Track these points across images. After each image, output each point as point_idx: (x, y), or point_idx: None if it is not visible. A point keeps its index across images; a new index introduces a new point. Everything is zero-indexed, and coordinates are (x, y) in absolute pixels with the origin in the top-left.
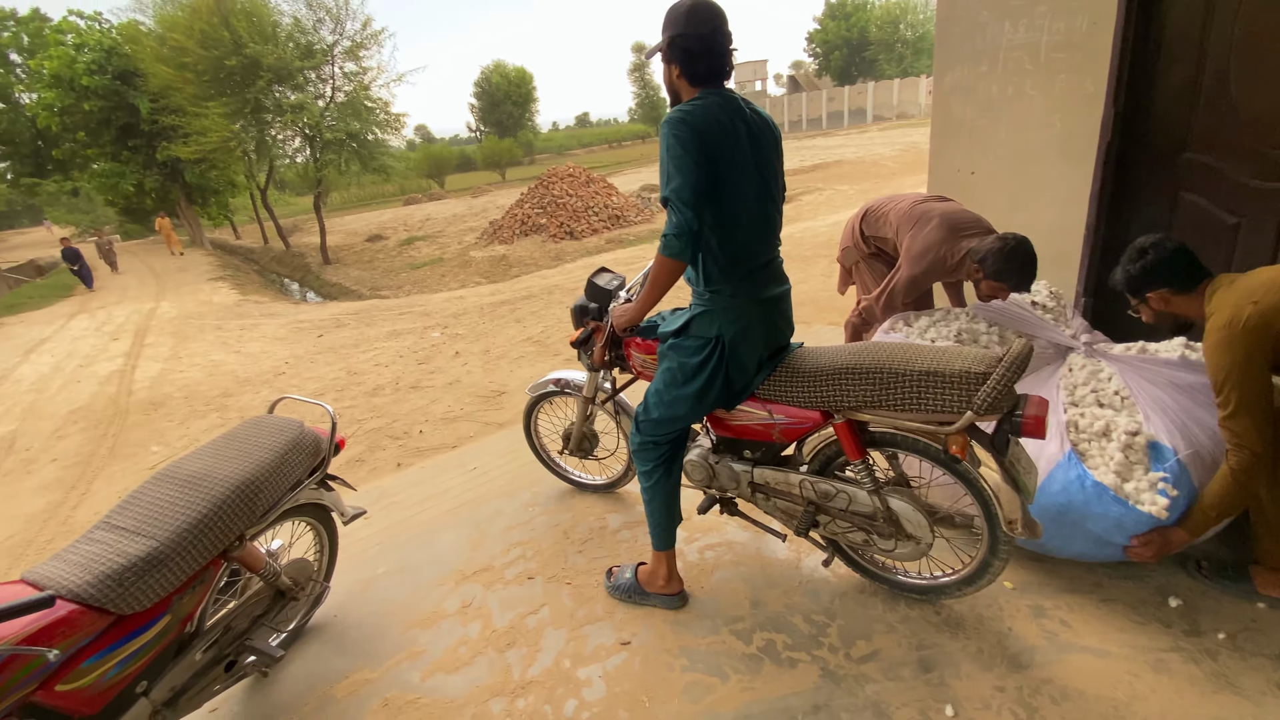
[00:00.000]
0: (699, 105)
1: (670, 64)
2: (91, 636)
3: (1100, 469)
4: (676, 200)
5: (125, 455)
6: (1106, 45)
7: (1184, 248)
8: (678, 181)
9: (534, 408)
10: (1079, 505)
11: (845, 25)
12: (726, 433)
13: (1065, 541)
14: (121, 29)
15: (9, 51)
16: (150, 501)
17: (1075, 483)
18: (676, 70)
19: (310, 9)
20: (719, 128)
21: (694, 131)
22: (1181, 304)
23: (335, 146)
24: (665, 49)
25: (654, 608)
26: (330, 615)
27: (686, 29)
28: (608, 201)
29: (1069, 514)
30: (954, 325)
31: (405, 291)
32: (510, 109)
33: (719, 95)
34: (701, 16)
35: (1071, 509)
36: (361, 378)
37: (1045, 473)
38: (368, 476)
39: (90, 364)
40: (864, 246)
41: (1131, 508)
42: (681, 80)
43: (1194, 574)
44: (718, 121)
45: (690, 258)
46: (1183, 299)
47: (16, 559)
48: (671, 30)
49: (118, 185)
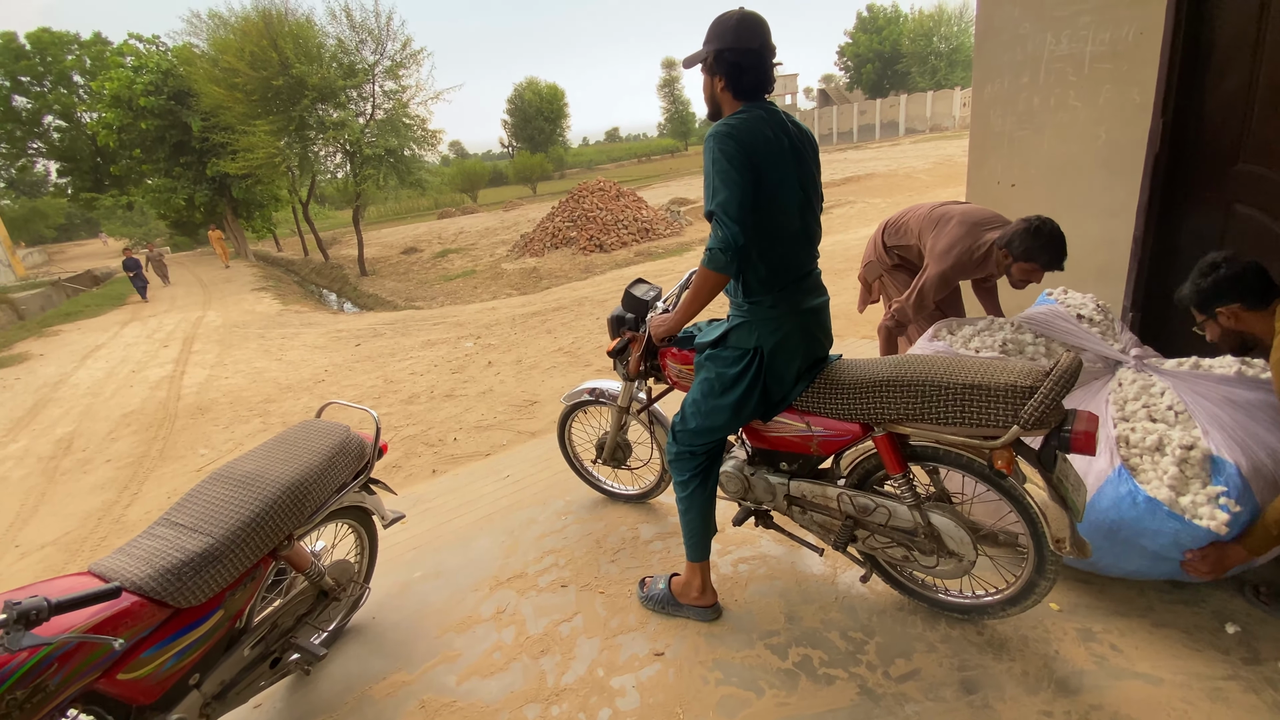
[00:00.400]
0: (744, 119)
1: (715, 76)
2: (152, 628)
3: (1153, 484)
4: (723, 214)
5: (174, 457)
6: (1154, 54)
7: (1259, 264)
8: (724, 195)
9: (568, 417)
10: (1131, 522)
11: (877, 38)
12: (762, 444)
13: (1118, 559)
14: (177, 52)
15: (72, 73)
16: (207, 500)
17: (1127, 499)
18: (721, 83)
19: (353, 31)
20: (764, 141)
21: (740, 146)
22: (1252, 321)
23: (374, 162)
24: (710, 61)
25: (687, 619)
26: (369, 617)
27: (735, 43)
28: (637, 215)
29: (1121, 531)
30: (999, 335)
31: (439, 303)
32: (542, 124)
33: (763, 109)
34: (751, 30)
35: (1124, 526)
36: (398, 386)
37: (1094, 489)
38: (404, 482)
39: (142, 370)
40: (887, 259)
41: (1188, 523)
42: (725, 94)
43: (1252, 600)
44: (763, 136)
45: (735, 272)
46: (1254, 316)
47: (73, 554)
48: (719, 43)
49: (170, 200)
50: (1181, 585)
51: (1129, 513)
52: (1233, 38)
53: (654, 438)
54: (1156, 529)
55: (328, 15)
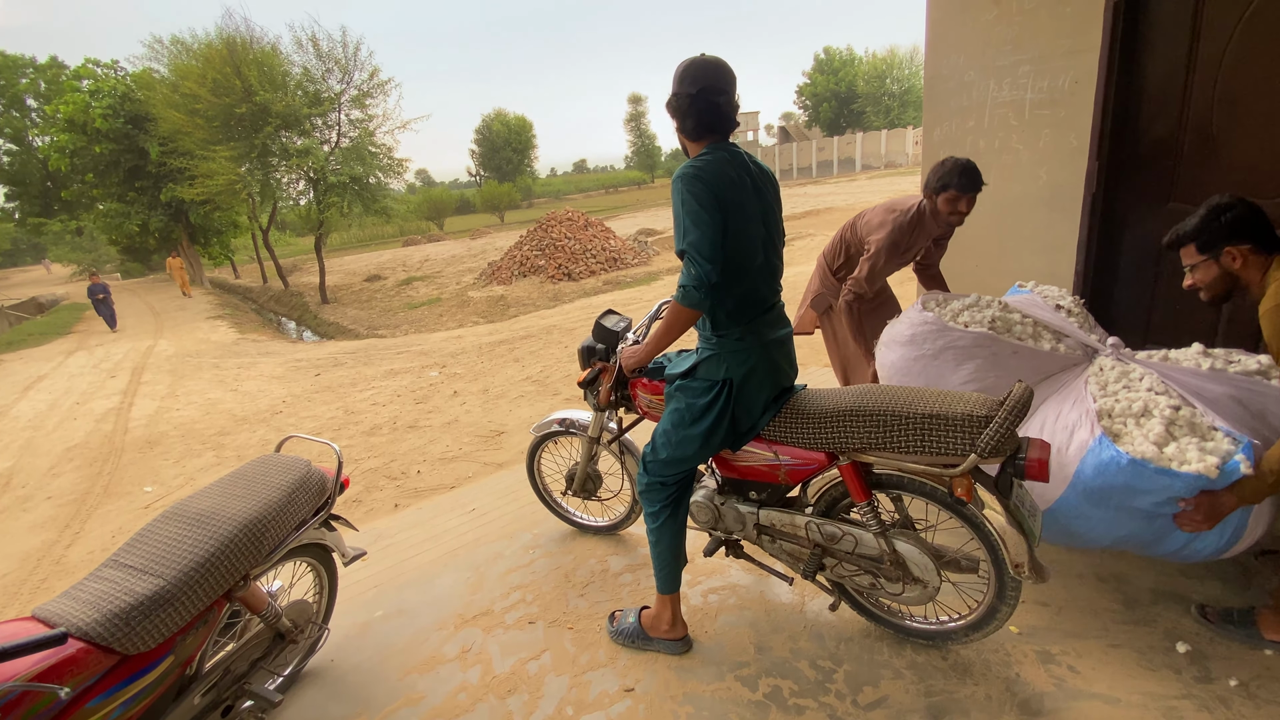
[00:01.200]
0: (709, 161)
1: (673, 119)
2: (98, 675)
3: (1137, 443)
4: (695, 253)
5: (120, 494)
6: (1089, 102)
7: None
8: (695, 236)
9: (538, 448)
10: (1119, 487)
11: (834, 79)
12: (732, 474)
13: (1111, 527)
14: (136, 77)
15: (25, 96)
16: (158, 539)
17: (1110, 464)
18: (675, 125)
19: (320, 60)
20: (729, 182)
21: (707, 186)
22: (1253, 267)
23: (339, 190)
24: (670, 105)
25: (658, 653)
26: (327, 660)
27: (682, 89)
28: (605, 245)
29: (1110, 498)
30: (987, 312)
31: (403, 331)
32: (510, 155)
33: (726, 150)
34: (697, 74)
35: (1112, 492)
36: (359, 417)
37: (1078, 460)
38: (365, 517)
39: (87, 401)
40: (835, 284)
41: (1176, 473)
42: (681, 135)
43: (1198, 619)
44: (728, 177)
45: (708, 308)
46: (1258, 261)
47: (11, 598)
48: (673, 88)
49: (122, 225)
50: (1133, 605)
51: (1116, 479)
52: (1162, 86)
53: (625, 468)
54: (1145, 487)
55: (294, 44)
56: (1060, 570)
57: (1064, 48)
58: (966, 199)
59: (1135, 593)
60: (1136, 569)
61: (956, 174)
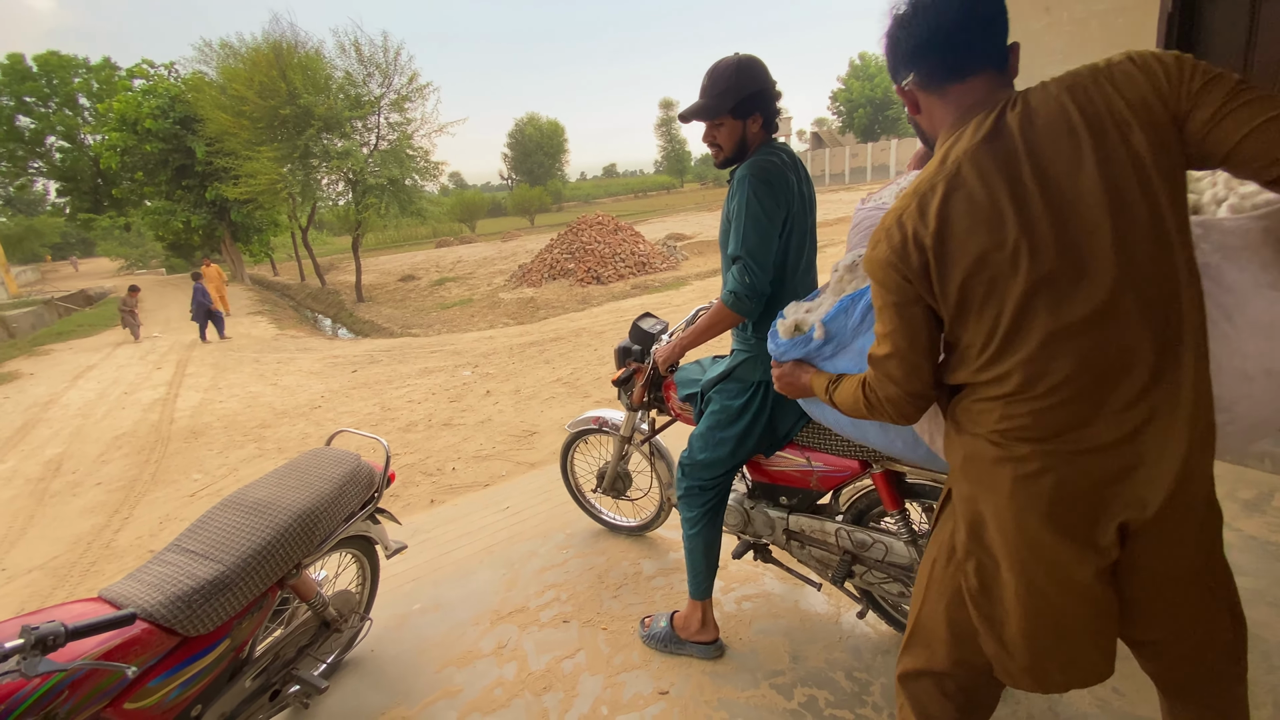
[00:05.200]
0: (773, 164)
1: (750, 117)
2: (160, 656)
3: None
4: (751, 261)
5: (167, 481)
6: None
7: None
8: (754, 243)
9: (571, 444)
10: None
11: (869, 85)
12: (763, 478)
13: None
14: (186, 79)
15: (78, 95)
16: (218, 526)
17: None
18: (759, 122)
19: (362, 64)
20: (788, 186)
21: (774, 193)
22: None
23: (376, 191)
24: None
25: (691, 657)
26: (368, 650)
27: (766, 82)
28: (634, 249)
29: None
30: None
31: (436, 330)
32: (541, 159)
33: (786, 152)
34: (765, 68)
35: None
36: (395, 413)
37: None
38: (402, 512)
39: (134, 391)
40: None
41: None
42: (762, 132)
43: None
44: (787, 180)
45: (757, 318)
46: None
47: (62, 579)
48: (753, 86)
49: (168, 222)
50: None
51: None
52: None
53: (654, 470)
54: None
55: (337, 48)
56: None
57: None
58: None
59: None
60: None
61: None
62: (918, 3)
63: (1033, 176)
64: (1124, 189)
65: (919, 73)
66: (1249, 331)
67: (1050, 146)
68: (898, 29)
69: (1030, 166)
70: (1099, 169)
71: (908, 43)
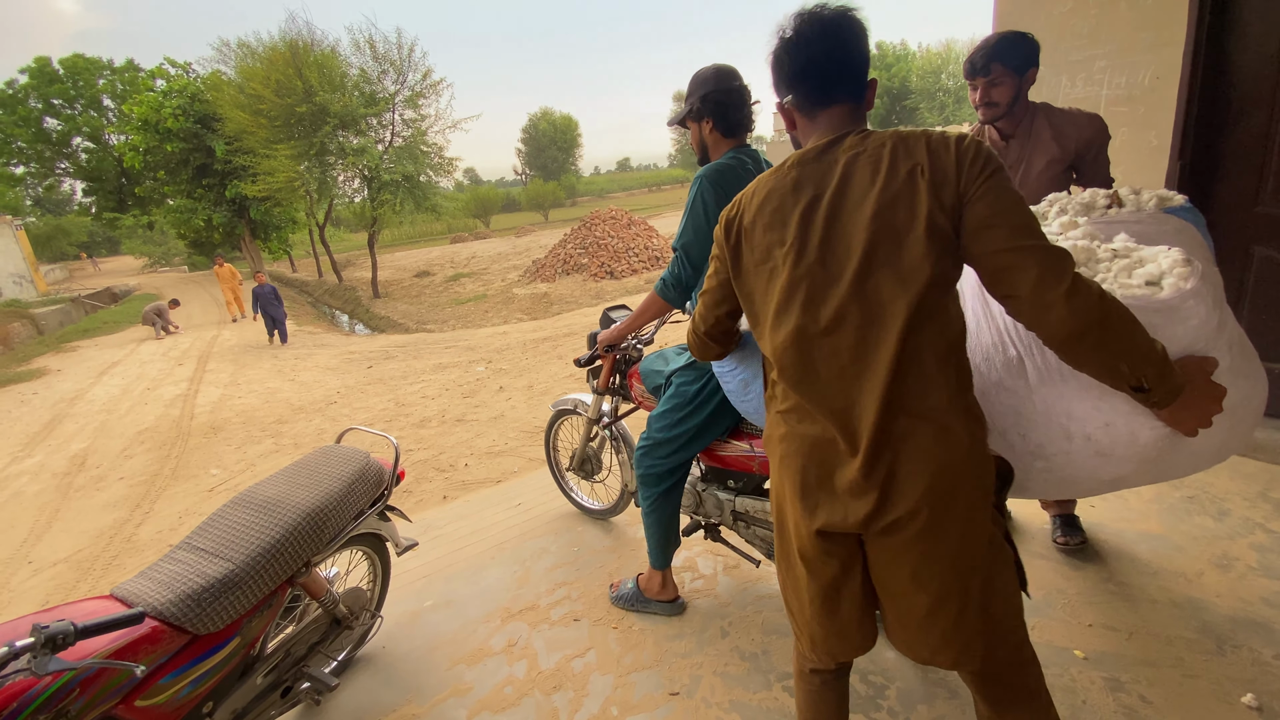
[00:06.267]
0: (730, 166)
1: (702, 120)
2: (170, 654)
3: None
4: (684, 255)
5: (186, 476)
6: (1170, 98)
7: None
8: (689, 239)
9: (554, 423)
10: None
11: (886, 75)
12: (715, 463)
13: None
14: (205, 79)
15: (103, 97)
16: (229, 524)
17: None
18: (709, 125)
19: (376, 61)
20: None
21: (723, 194)
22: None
23: (391, 187)
24: (697, 107)
25: (656, 615)
26: (379, 647)
27: (717, 85)
28: (648, 243)
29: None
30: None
31: (450, 326)
32: (555, 153)
33: (748, 154)
34: (728, 74)
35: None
36: (409, 409)
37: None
38: (415, 508)
39: (157, 387)
40: None
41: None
42: (715, 134)
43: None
44: (742, 183)
45: (680, 305)
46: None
47: (85, 572)
48: (702, 90)
49: (190, 220)
50: (1209, 633)
51: None
52: (1252, 80)
53: (615, 453)
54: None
55: (352, 46)
56: (1130, 594)
57: (1145, 41)
58: (980, 84)
59: (1213, 620)
60: (1213, 594)
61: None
62: (798, 33)
63: (831, 195)
64: (889, 226)
65: (795, 96)
66: (1080, 392)
67: (857, 176)
68: (783, 52)
69: (835, 187)
70: (877, 203)
71: (789, 67)
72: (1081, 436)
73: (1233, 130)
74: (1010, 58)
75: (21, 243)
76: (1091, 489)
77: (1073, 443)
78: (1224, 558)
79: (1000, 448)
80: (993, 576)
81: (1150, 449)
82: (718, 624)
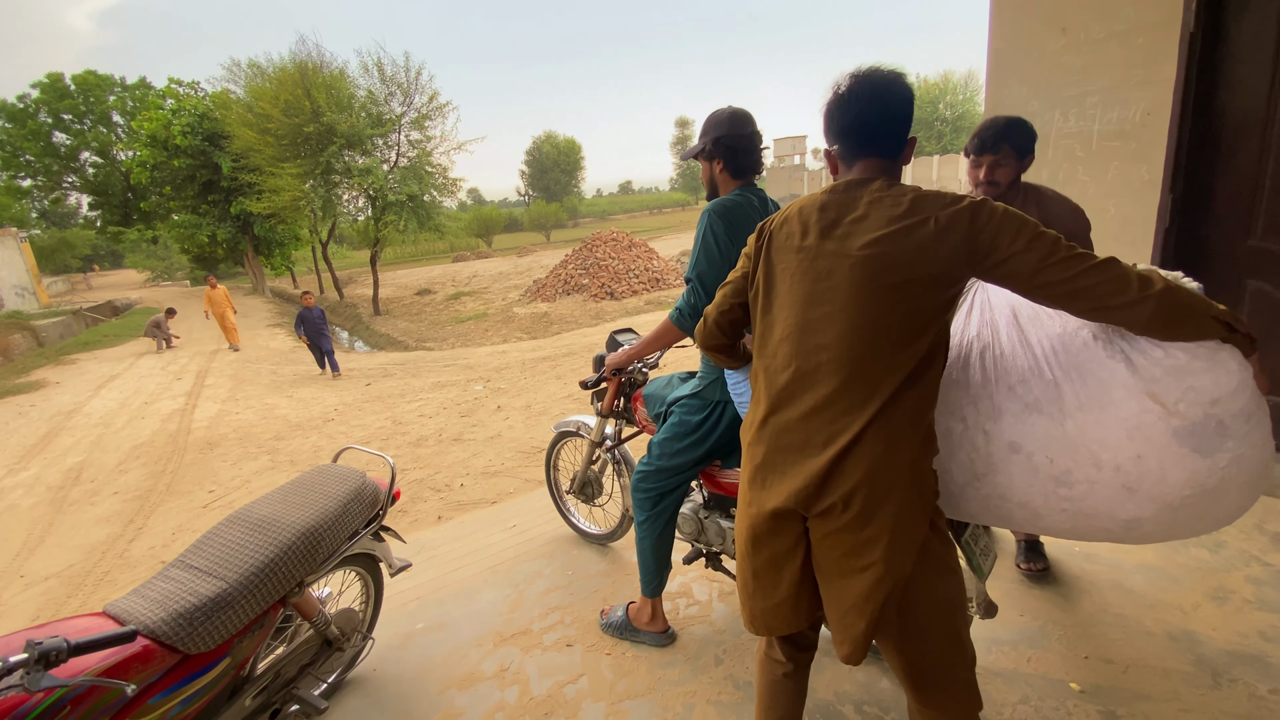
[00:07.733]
0: (738, 203)
1: (713, 161)
2: (161, 673)
3: None
4: (699, 284)
5: (181, 492)
6: (1161, 133)
7: None
8: (703, 268)
9: (556, 445)
10: None
11: None
12: (717, 490)
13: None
14: (214, 97)
15: (113, 113)
16: (222, 543)
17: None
18: (720, 165)
19: (384, 83)
20: (750, 225)
21: (729, 226)
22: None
23: (396, 207)
24: (709, 148)
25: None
26: (369, 670)
27: (730, 130)
28: (648, 265)
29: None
30: None
31: (450, 344)
32: (558, 175)
33: (755, 193)
34: (742, 120)
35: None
36: (406, 428)
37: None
38: (409, 528)
39: (154, 402)
40: None
41: None
42: (724, 174)
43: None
44: (750, 220)
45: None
46: None
47: (76, 588)
48: (715, 132)
49: (194, 235)
50: (1206, 667)
51: None
52: (1241, 116)
53: (616, 476)
54: None
55: (360, 68)
56: (1127, 626)
57: (1135, 79)
58: (987, 161)
59: (1209, 653)
60: (1209, 628)
61: (974, 136)
62: (850, 91)
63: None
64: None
65: (841, 147)
66: (1118, 422)
67: (874, 212)
68: (834, 106)
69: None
70: (864, 239)
71: (840, 122)
72: (1111, 466)
73: (1224, 165)
74: (1018, 141)
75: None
76: (1102, 530)
77: (1101, 471)
78: (1220, 590)
79: (1024, 470)
80: (919, 581)
81: (1175, 492)
82: (712, 652)
